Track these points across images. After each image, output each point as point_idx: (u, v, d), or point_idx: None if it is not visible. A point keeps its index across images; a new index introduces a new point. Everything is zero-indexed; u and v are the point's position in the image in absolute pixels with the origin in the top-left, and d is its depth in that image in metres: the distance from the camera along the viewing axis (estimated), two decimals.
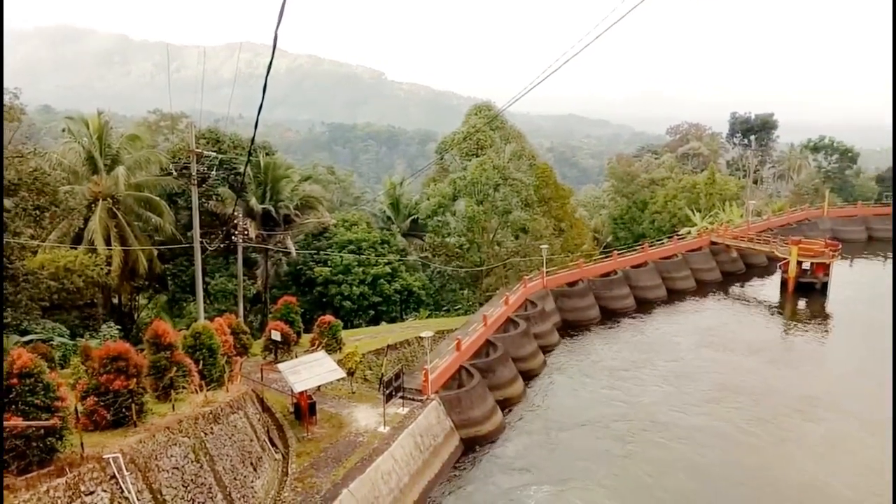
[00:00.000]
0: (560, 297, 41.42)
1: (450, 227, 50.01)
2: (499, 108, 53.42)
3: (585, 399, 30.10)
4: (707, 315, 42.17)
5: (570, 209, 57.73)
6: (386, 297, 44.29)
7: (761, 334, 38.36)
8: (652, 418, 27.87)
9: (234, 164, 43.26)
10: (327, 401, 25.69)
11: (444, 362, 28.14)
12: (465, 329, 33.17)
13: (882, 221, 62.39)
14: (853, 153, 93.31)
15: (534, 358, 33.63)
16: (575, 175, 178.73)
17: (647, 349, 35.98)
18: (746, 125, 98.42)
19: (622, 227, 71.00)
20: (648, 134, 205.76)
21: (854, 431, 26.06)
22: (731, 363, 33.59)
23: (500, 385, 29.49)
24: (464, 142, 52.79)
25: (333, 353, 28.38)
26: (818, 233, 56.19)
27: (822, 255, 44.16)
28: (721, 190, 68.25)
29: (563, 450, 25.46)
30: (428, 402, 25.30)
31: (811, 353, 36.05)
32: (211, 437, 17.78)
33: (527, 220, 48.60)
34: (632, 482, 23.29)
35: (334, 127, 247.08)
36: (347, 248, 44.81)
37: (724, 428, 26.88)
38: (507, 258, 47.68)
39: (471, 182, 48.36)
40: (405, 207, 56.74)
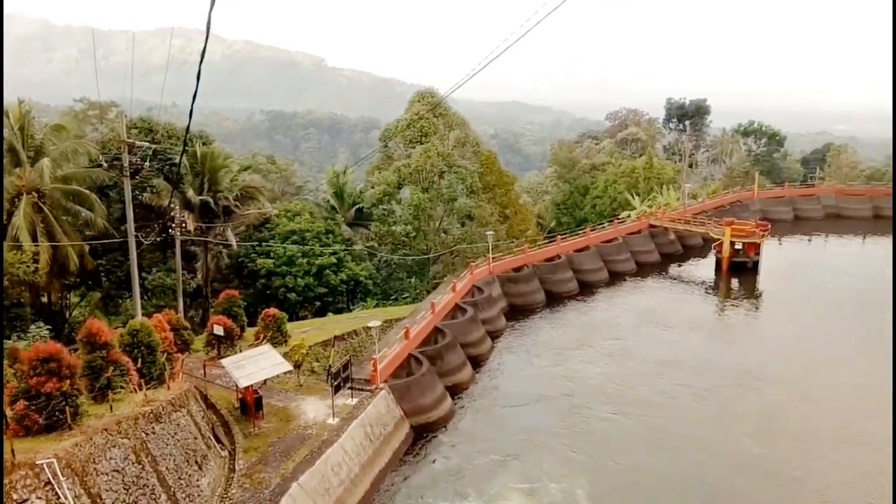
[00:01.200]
0: (506, 283, 41.90)
1: (395, 215, 49.76)
2: (442, 95, 53.29)
3: (533, 379, 30.79)
4: (647, 295, 43.54)
5: (514, 195, 58.37)
6: (332, 287, 43.78)
7: (698, 312, 39.92)
8: (597, 393, 28.93)
9: (169, 154, 41.68)
10: (274, 395, 25.28)
11: (393, 351, 28.08)
12: (414, 317, 33.18)
13: (807, 202, 65.70)
14: (780, 137, 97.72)
15: (482, 343, 33.97)
16: (518, 161, 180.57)
17: (591, 329, 36.96)
18: (681, 111, 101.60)
19: (565, 213, 72.27)
20: (589, 120, 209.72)
21: (787, 400, 27.50)
22: (671, 340, 34.87)
23: (449, 371, 29.68)
24: (408, 129, 52.46)
25: (279, 347, 27.93)
26: (749, 214, 58.70)
27: (753, 235, 46.17)
28: (659, 174, 70.29)
29: (511, 427, 26.10)
30: (377, 391, 25.23)
31: (745, 329, 37.80)
32: (152, 436, 17.23)
33: (472, 206, 48.84)
34: (577, 452, 24.19)
35: (274, 115, 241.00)
36: (291, 239, 43.99)
37: (665, 400, 28.05)
38: (454, 245, 47.86)
39: (416, 169, 48.22)
40: (349, 196, 56.06)
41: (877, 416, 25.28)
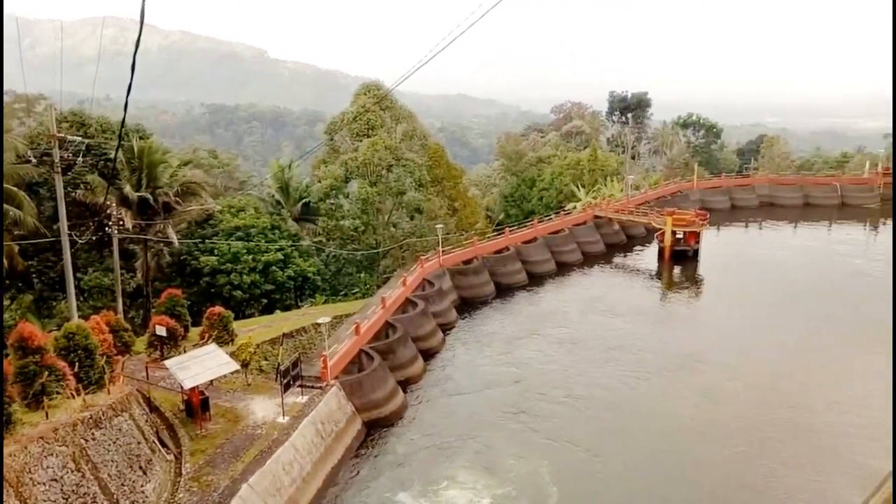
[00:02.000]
0: (456, 276, 42.06)
1: (343, 209, 49.17)
2: (388, 88, 52.87)
3: (484, 368, 31.18)
4: (594, 284, 44.50)
5: (462, 188, 58.50)
6: (279, 284, 42.97)
7: (643, 300, 41.06)
8: (547, 379, 29.66)
9: (104, 149, 39.96)
10: (221, 395, 24.66)
11: (344, 347, 27.82)
12: (364, 312, 32.92)
13: (743, 191, 68.34)
14: (717, 129, 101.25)
15: (433, 336, 34.02)
16: (466, 154, 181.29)
17: (540, 319, 37.59)
18: (624, 103, 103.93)
19: (513, 205, 73.02)
20: (534, 113, 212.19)
21: (726, 382, 28.64)
22: (618, 327, 35.81)
23: (400, 365, 29.62)
24: (354, 122, 51.81)
25: (225, 346, 27.23)
26: (689, 203, 60.66)
27: (693, 224, 47.73)
28: (603, 166, 71.81)
29: (463, 415, 26.46)
30: (328, 388, 24.94)
31: (687, 315, 39.13)
32: (92, 443, 16.56)
33: (421, 200, 48.73)
34: (529, 435, 24.79)
35: (215, 108, 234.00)
36: (235, 236, 42.92)
37: (613, 383, 28.99)
38: (403, 239, 47.68)
39: (363, 163, 47.74)
40: (295, 191, 55.05)
41: (805, 389, 26.92)
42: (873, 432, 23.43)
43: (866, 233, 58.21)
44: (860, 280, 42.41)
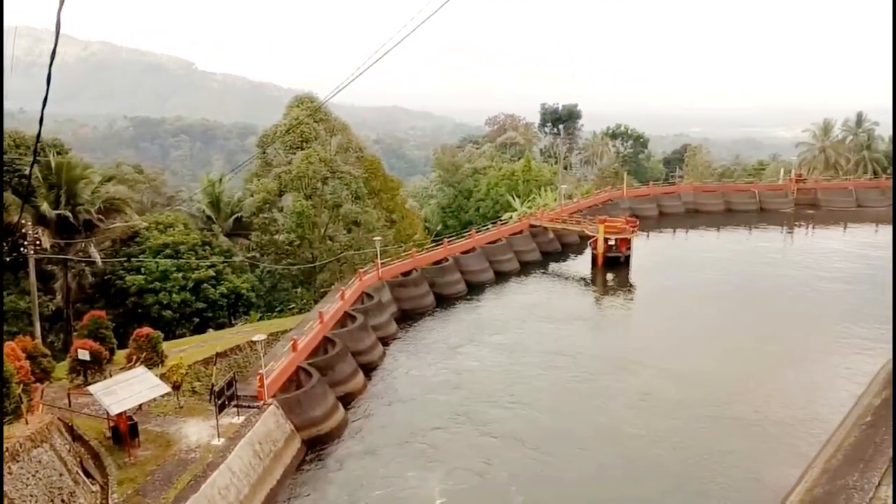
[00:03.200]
0: (396, 288, 41.81)
1: (278, 223, 48.14)
2: (322, 100, 52.28)
3: (425, 378, 31.18)
4: (531, 292, 45.19)
5: (400, 200, 58.45)
6: (211, 302, 41.57)
7: (579, 305, 42.00)
8: (488, 384, 30.00)
9: (18, 165, 37.72)
10: (151, 420, 23.54)
11: (281, 364, 27.11)
12: (301, 328, 32.23)
13: (669, 199, 71.08)
14: (644, 139, 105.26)
15: (373, 350, 33.63)
16: (403, 166, 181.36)
17: (480, 327, 37.93)
18: (555, 115, 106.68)
19: (450, 216, 73.47)
20: (469, 125, 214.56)
21: (660, 381, 29.64)
22: (555, 332, 36.53)
23: (340, 381, 29.10)
24: (287, 134, 50.88)
25: (155, 368, 26.10)
26: (620, 211, 62.52)
27: (624, 231, 49.23)
28: (537, 176, 73.35)
29: (404, 427, 26.35)
30: (265, 407, 24.22)
31: (621, 318, 40.31)
32: (9, 477, 15.44)
33: (358, 212, 48.29)
34: (471, 439, 25.10)
35: (139, 121, 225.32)
36: (163, 253, 41.27)
37: (551, 386, 29.65)
38: (341, 252, 47.08)
39: (297, 176, 46.92)
40: (227, 205, 53.53)
41: (733, 384, 28.11)
42: (797, 421, 24.74)
43: (783, 236, 61.64)
44: (779, 280, 44.77)
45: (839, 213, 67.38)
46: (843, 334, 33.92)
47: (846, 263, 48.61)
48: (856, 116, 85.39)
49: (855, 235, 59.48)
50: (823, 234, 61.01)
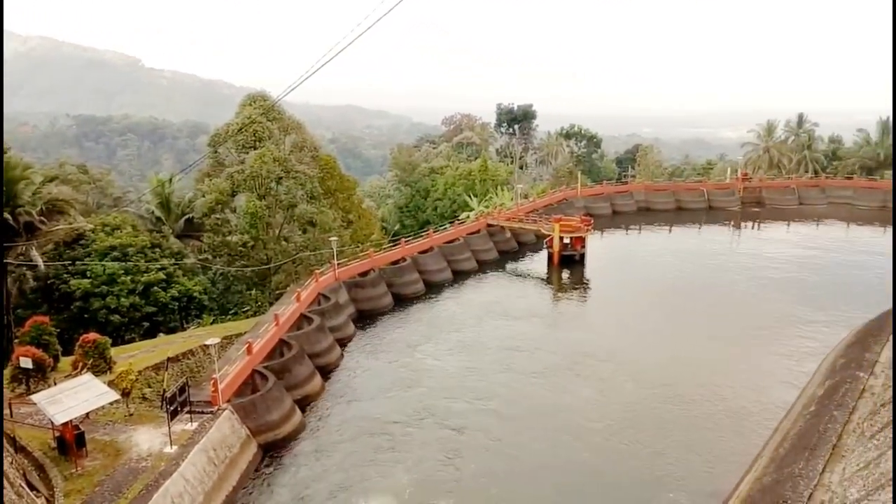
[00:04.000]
0: (353, 288, 41.43)
1: (230, 224, 47.11)
2: (275, 98, 51.36)
3: (384, 378, 31.05)
4: (489, 290, 45.47)
5: (356, 200, 57.95)
6: (162, 305, 40.40)
7: (536, 302, 42.47)
8: (447, 381, 30.20)
9: None
10: (100, 428, 22.71)
11: (235, 368, 26.52)
12: (256, 331, 31.61)
13: (622, 198, 72.60)
14: (597, 139, 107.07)
15: (331, 351, 33.26)
16: (359, 166, 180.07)
17: (439, 326, 38.02)
18: (511, 115, 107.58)
19: (408, 215, 73.30)
20: (426, 125, 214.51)
21: (616, 374, 30.34)
22: (513, 329, 36.94)
23: (297, 384, 28.66)
24: (239, 133, 49.78)
25: (102, 375, 25.20)
26: (574, 210, 63.50)
27: (579, 230, 50.01)
28: (493, 176, 73.88)
29: (363, 428, 26.16)
30: (219, 412, 23.65)
31: (577, 314, 40.97)
32: None
33: (313, 212, 47.64)
34: (426, 435, 25.26)
35: (83, 120, 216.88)
36: (111, 256, 39.90)
37: (510, 381, 30.03)
38: (296, 253, 46.38)
39: (250, 176, 45.97)
40: (177, 206, 52.10)
41: (685, 376, 28.89)
42: (747, 411, 25.60)
43: (730, 233, 63.73)
44: (728, 276, 46.26)
45: (783, 210, 70.11)
46: (788, 327, 35.25)
47: (790, 259, 50.58)
48: (797, 118, 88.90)
49: (798, 232, 61.97)
50: (769, 230, 63.35)
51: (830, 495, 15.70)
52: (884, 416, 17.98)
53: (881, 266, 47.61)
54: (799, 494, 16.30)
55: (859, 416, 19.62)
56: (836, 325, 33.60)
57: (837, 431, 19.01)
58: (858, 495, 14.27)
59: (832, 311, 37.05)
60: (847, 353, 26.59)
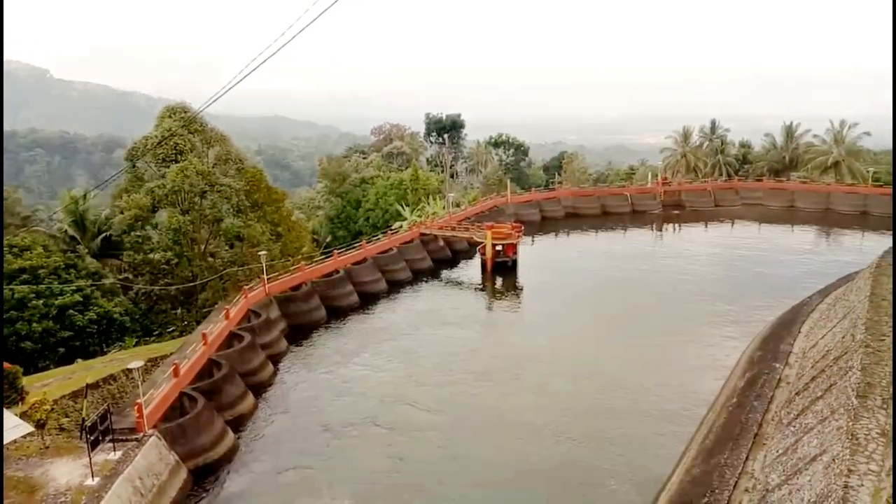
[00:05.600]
0: (285, 303, 40.47)
1: (152, 241, 45.16)
2: (196, 110, 49.71)
3: (320, 391, 30.52)
4: (424, 299, 45.49)
5: (285, 212, 56.67)
6: (79, 329, 38.17)
7: (471, 309, 42.79)
8: (385, 389, 30.05)
9: None
10: (12, 464, 21.13)
11: (161, 392, 25.32)
12: (183, 352, 30.30)
13: (550, 204, 74.40)
14: (525, 147, 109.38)
15: (263, 369, 32.31)
16: (287, 177, 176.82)
17: (375, 336, 37.72)
18: (439, 125, 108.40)
19: (340, 227, 72.42)
20: (355, 135, 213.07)
21: (552, 375, 30.98)
22: (449, 335, 37.14)
23: (228, 404, 27.67)
24: (159, 146, 47.85)
25: (14, 406, 23.50)
26: (505, 217, 64.53)
27: (510, 236, 50.82)
28: (424, 185, 74.09)
29: (301, 440, 25.69)
30: (145, 439, 22.49)
31: (512, 319, 41.51)
32: None
33: (241, 226, 46.31)
34: (365, 443, 25.21)
35: None
36: (20, 279, 37.40)
37: (449, 387, 30.15)
38: (224, 269, 44.92)
39: (172, 190, 44.23)
40: (93, 224, 49.49)
41: (617, 377, 29.72)
42: (676, 406, 26.58)
43: (653, 235, 66.41)
44: (653, 276, 48.14)
45: (701, 212, 73.71)
46: (710, 323, 36.95)
47: (710, 258, 53.20)
48: (710, 124, 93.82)
49: (715, 233, 65.30)
50: (688, 231, 66.43)
51: (753, 482, 16.51)
52: (798, 403, 19.09)
53: (791, 262, 50.91)
54: (725, 483, 17.04)
55: (777, 405, 20.76)
56: (753, 319, 35.55)
57: (758, 421, 20.03)
58: (779, 480, 15.05)
59: (749, 305, 39.15)
60: (764, 346, 28.15)
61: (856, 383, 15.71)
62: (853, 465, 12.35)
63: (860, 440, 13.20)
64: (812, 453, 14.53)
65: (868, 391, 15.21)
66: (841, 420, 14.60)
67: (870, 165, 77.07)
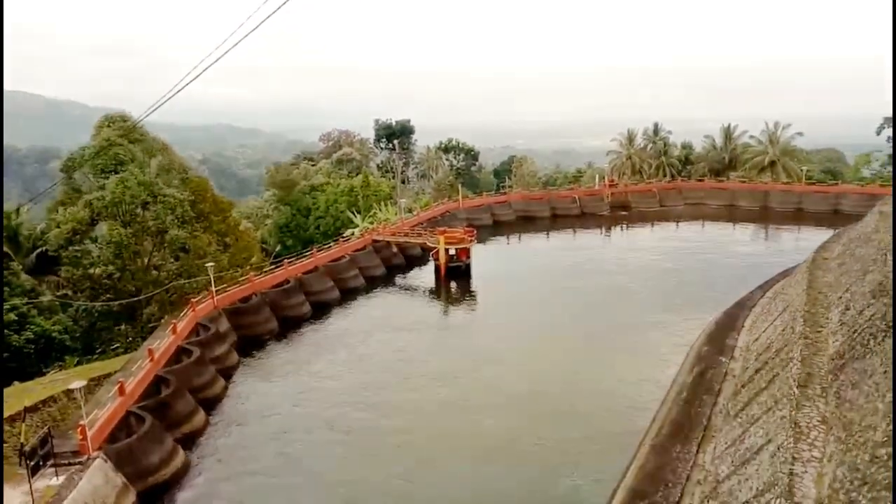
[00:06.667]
0: (234, 315, 39.53)
1: (92, 255, 43.36)
2: (136, 119, 48.14)
3: (273, 402, 29.96)
4: (378, 306, 45.22)
5: (233, 222, 55.37)
6: (15, 350, 36.33)
7: (426, 315, 42.80)
8: (335, 395, 29.90)
9: None
10: None
11: (106, 412, 24.34)
12: (128, 369, 29.21)
13: (501, 208, 75.11)
14: (475, 152, 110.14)
15: (214, 384, 31.43)
16: (234, 186, 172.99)
17: (329, 344, 37.33)
18: (389, 130, 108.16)
19: (289, 235, 71.25)
20: (303, 142, 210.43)
21: (509, 375, 31.33)
22: (403, 340, 37.15)
23: (178, 422, 26.81)
24: (97, 157, 46.04)
25: None
26: (458, 222, 64.83)
27: (463, 241, 51.02)
28: (376, 191, 73.72)
29: (255, 453, 25.18)
30: (90, 462, 21.57)
31: (467, 323, 41.71)
32: None
33: (186, 238, 44.96)
34: (319, 456, 24.87)
35: None
36: None
37: (405, 390, 30.19)
38: (169, 282, 43.53)
39: (112, 202, 42.61)
40: (27, 239, 47.25)
41: (571, 377, 30.19)
42: (630, 402, 27.16)
43: (602, 236, 67.81)
44: (602, 276, 49.08)
45: (647, 213, 75.73)
46: (660, 320, 37.87)
47: (657, 257, 54.64)
48: (653, 126, 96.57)
49: (661, 232, 67.15)
50: (635, 232, 68.15)
51: (705, 474, 16.98)
52: (744, 395, 19.75)
53: (733, 258, 52.83)
54: (678, 477, 17.48)
55: (724, 398, 21.44)
56: (700, 315, 36.61)
57: (707, 414, 20.64)
58: (728, 471, 15.52)
59: (696, 301, 40.36)
60: (710, 341, 29.04)
61: (797, 374, 16.36)
62: (797, 453, 12.84)
63: (803, 428, 13.74)
64: (759, 443, 15.04)
65: (808, 381, 15.85)
66: (784, 409, 15.17)
67: (803, 164, 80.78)
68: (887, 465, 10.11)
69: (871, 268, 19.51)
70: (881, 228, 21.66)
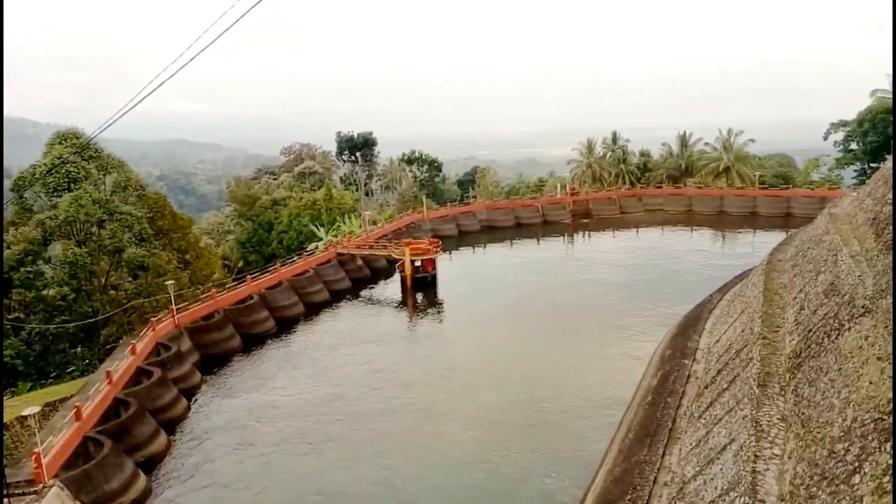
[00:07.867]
0: (196, 334, 38.67)
1: (45, 276, 41.99)
2: (90, 135, 46.88)
3: (238, 420, 29.44)
4: (343, 319, 44.80)
5: (193, 239, 54.33)
6: None
7: (393, 326, 42.55)
8: (302, 409, 29.73)
9: None
10: None
11: (62, 438, 23.48)
12: (85, 392, 28.28)
13: (466, 218, 75.42)
14: (438, 163, 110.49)
15: (176, 404, 30.61)
16: (194, 202, 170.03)
17: (292, 359, 36.95)
18: (351, 143, 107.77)
19: (251, 251, 70.15)
20: (265, 156, 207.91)
21: (478, 383, 31.44)
22: (370, 352, 36.93)
23: (139, 445, 26.04)
24: (49, 175, 44.69)
25: None
26: (423, 233, 64.83)
27: (429, 252, 51.01)
28: (339, 204, 73.26)
29: (222, 475, 24.71)
30: (45, 490, 20.72)
31: (433, 333, 41.58)
32: None
33: (144, 256, 43.92)
34: (287, 474, 24.41)
35: None
36: None
37: (375, 401, 30.11)
38: (127, 302, 42.41)
39: (65, 221, 41.41)
40: None
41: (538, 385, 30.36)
42: (597, 408, 27.42)
43: (565, 244, 68.61)
44: (567, 283, 49.63)
45: (608, 220, 76.99)
46: (624, 327, 38.40)
47: (619, 263, 55.49)
48: (612, 135, 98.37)
49: (621, 238, 68.29)
50: (597, 238, 69.16)
51: (671, 475, 17.21)
52: (707, 396, 20.13)
53: (692, 262, 53.97)
54: (646, 479, 17.67)
55: (688, 400, 21.81)
56: (663, 319, 37.32)
57: (672, 416, 20.95)
58: (694, 472, 15.77)
59: (658, 306, 41.11)
60: (672, 344, 29.57)
61: (756, 373, 16.75)
62: (759, 451, 13.12)
63: (763, 427, 14.06)
64: (722, 443, 15.33)
65: (767, 380, 16.25)
66: (745, 409, 15.51)
67: (756, 169, 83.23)
68: (844, 459, 10.41)
69: (822, 268, 20.17)
70: (831, 230, 22.42)
